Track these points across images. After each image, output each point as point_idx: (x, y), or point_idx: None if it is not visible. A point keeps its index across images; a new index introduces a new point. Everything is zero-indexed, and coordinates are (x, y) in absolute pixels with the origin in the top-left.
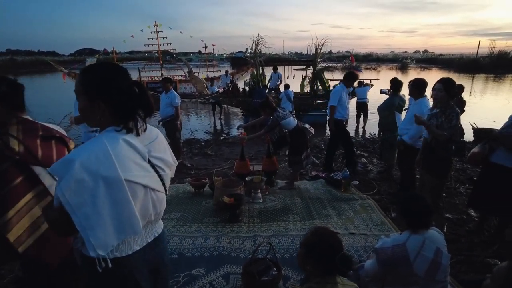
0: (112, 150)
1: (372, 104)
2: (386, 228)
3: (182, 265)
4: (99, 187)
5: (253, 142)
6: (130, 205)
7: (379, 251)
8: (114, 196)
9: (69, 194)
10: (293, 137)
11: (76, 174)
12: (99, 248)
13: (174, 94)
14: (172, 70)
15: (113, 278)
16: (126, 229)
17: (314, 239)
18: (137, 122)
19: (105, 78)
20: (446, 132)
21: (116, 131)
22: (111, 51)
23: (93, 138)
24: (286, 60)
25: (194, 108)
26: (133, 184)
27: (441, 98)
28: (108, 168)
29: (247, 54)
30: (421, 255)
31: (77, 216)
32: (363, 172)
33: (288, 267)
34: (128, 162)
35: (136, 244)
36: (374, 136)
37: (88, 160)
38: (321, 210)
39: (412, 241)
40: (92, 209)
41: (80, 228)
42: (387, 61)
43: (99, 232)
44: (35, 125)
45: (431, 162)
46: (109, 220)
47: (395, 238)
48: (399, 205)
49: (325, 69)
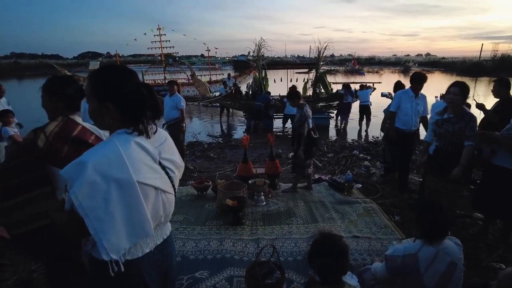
0: (124, 152)
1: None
2: (390, 231)
3: (186, 268)
4: (111, 189)
5: (256, 145)
6: (142, 207)
7: (389, 259)
8: (126, 198)
9: (82, 197)
10: (306, 140)
11: (88, 176)
12: (112, 252)
13: (179, 97)
14: (175, 73)
15: (123, 281)
16: (138, 231)
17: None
18: (147, 124)
19: (113, 81)
20: (472, 140)
21: (127, 133)
22: (114, 55)
23: (104, 140)
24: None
25: (197, 111)
26: (145, 186)
27: (457, 102)
28: (121, 171)
29: (250, 58)
30: (432, 267)
31: (90, 219)
32: (366, 176)
33: (291, 270)
34: (140, 164)
35: (147, 246)
36: (377, 139)
37: (101, 162)
38: (325, 213)
39: (425, 252)
40: (105, 212)
41: (93, 232)
42: (389, 64)
43: (112, 235)
44: (73, 126)
45: (446, 168)
46: (122, 223)
47: (407, 247)
48: (417, 213)
49: (327, 72)
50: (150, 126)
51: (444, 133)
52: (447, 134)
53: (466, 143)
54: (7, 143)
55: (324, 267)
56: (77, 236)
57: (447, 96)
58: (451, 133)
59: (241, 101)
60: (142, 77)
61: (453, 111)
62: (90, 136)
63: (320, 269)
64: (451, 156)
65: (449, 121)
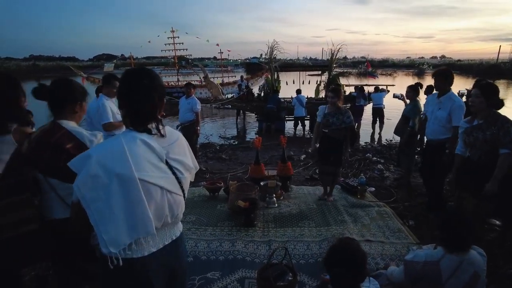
0: (128, 149)
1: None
2: (404, 236)
3: (197, 268)
4: (113, 184)
5: (268, 147)
6: (143, 204)
7: (409, 264)
8: (127, 194)
9: (84, 188)
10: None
11: (92, 169)
12: (111, 245)
13: (195, 100)
14: (188, 75)
15: (127, 278)
16: (138, 228)
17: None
18: (158, 124)
19: (124, 84)
20: (508, 146)
21: (135, 131)
22: (128, 57)
23: (88, 148)
24: (301, 65)
25: (209, 112)
26: (147, 184)
27: (480, 105)
28: (123, 166)
29: (262, 60)
30: (456, 276)
31: (91, 211)
32: (379, 179)
33: (303, 273)
34: (143, 162)
35: (152, 246)
36: (391, 142)
37: (104, 157)
38: (337, 217)
39: (448, 261)
40: (105, 204)
41: (94, 223)
42: (403, 67)
43: (111, 228)
44: (56, 131)
45: (479, 182)
46: (122, 217)
47: (428, 254)
48: (441, 221)
49: (340, 75)
50: (160, 126)
51: (474, 141)
52: (477, 142)
53: (502, 151)
54: None
55: (338, 275)
56: (85, 228)
57: (469, 100)
58: (482, 140)
59: (253, 103)
60: None
61: (480, 116)
62: (68, 143)
63: (335, 277)
64: (484, 167)
65: (479, 128)
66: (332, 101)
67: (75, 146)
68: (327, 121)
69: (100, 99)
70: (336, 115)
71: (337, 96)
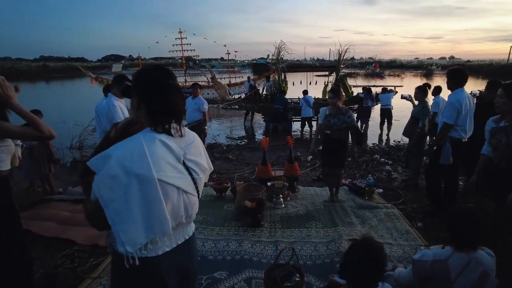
0: (147, 149)
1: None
2: (412, 237)
3: (205, 268)
4: (131, 184)
5: (274, 147)
6: (161, 204)
7: (417, 263)
8: (145, 194)
9: (103, 188)
10: (346, 145)
11: (111, 169)
12: (128, 244)
13: (202, 100)
14: (195, 76)
15: (141, 277)
16: (155, 228)
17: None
18: (176, 125)
19: (143, 83)
20: None
21: (155, 132)
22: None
23: (131, 136)
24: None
25: (216, 113)
26: (165, 184)
27: (504, 106)
28: (142, 167)
29: (269, 61)
30: (464, 275)
31: (109, 210)
32: (387, 180)
33: (310, 274)
34: (162, 162)
35: (167, 245)
36: (399, 143)
37: (124, 157)
38: (344, 218)
39: (456, 259)
40: (124, 205)
41: (111, 222)
42: (411, 68)
43: (129, 228)
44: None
45: (499, 188)
46: (139, 218)
47: (436, 252)
48: (448, 219)
49: (348, 75)
50: (178, 127)
51: (496, 144)
52: (499, 145)
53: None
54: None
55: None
56: (102, 226)
57: (494, 100)
58: (504, 144)
59: (260, 104)
60: None
61: (507, 118)
62: None
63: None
64: (503, 172)
65: (503, 130)
66: (332, 102)
67: None
68: (328, 122)
69: (109, 98)
70: (337, 115)
71: (337, 96)
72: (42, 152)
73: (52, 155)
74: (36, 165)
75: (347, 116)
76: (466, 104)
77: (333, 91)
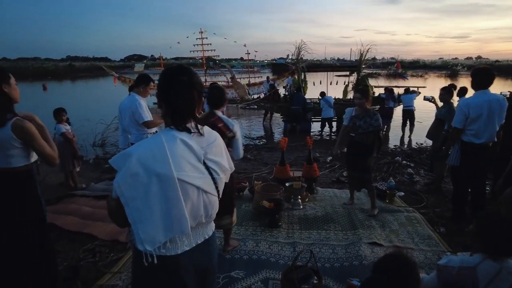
0: (168, 148)
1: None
2: (434, 243)
3: (222, 266)
4: (152, 183)
5: (293, 147)
6: (181, 204)
7: (442, 269)
8: (165, 193)
9: (124, 186)
10: (372, 149)
11: (132, 168)
12: (147, 243)
13: None
14: (215, 76)
15: (160, 276)
16: (174, 227)
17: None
18: (196, 124)
19: (163, 83)
20: None
21: (175, 131)
22: (158, 57)
23: (153, 135)
24: (328, 66)
25: (235, 112)
26: (185, 184)
27: None
28: (163, 166)
29: (288, 60)
30: (493, 284)
31: (129, 208)
32: (409, 183)
33: (328, 277)
34: (182, 161)
35: (186, 244)
36: (421, 145)
37: (145, 156)
38: (364, 221)
39: (485, 267)
40: (144, 203)
41: (131, 220)
42: (435, 68)
43: (148, 226)
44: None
45: None
46: (159, 216)
47: (463, 259)
48: (479, 225)
49: (369, 76)
50: (199, 126)
51: None
52: None
53: None
54: (58, 139)
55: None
56: (123, 224)
57: None
58: None
59: (279, 104)
60: None
61: None
62: (220, 123)
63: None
64: None
65: None
66: (359, 103)
67: (223, 126)
68: (354, 125)
69: (132, 97)
70: (363, 118)
71: (364, 97)
72: (67, 149)
73: (76, 152)
74: (61, 162)
75: (374, 119)
76: (482, 108)
77: (360, 91)
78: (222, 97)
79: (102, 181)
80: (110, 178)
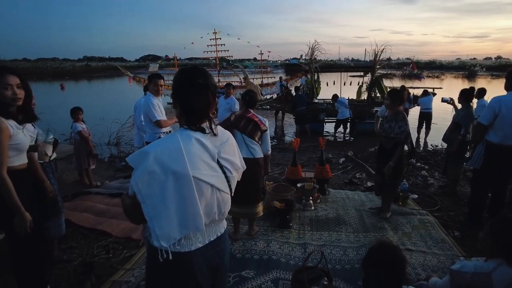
0: (184, 147)
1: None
2: (448, 247)
3: (232, 266)
4: (168, 180)
5: (305, 148)
6: (195, 201)
7: (456, 274)
8: (181, 191)
9: (141, 184)
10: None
11: (149, 166)
12: (162, 239)
13: (234, 100)
14: (228, 76)
15: (174, 272)
16: (189, 224)
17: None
18: (211, 124)
19: (177, 83)
20: None
21: (190, 130)
22: (172, 58)
23: (168, 134)
24: (342, 66)
25: None
26: (200, 182)
27: None
28: (179, 164)
29: (302, 61)
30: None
31: (146, 206)
32: (423, 186)
33: (339, 278)
34: (197, 160)
35: (199, 241)
36: (436, 147)
37: (162, 154)
38: (376, 223)
39: (502, 273)
40: (160, 200)
41: (148, 217)
42: (452, 69)
43: (164, 223)
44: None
45: None
46: (174, 213)
47: (478, 265)
48: (493, 228)
49: (383, 76)
50: (213, 126)
51: None
52: None
53: None
54: (75, 138)
55: (373, 276)
56: (138, 221)
57: None
58: None
59: (290, 104)
60: None
61: None
62: (255, 118)
63: (370, 278)
64: None
65: None
66: (387, 105)
67: (258, 120)
68: (381, 126)
69: (147, 97)
70: (390, 121)
71: (390, 99)
72: (82, 147)
73: (91, 150)
74: (76, 160)
75: (398, 126)
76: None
77: (388, 93)
78: (256, 100)
79: (116, 180)
80: (124, 177)
